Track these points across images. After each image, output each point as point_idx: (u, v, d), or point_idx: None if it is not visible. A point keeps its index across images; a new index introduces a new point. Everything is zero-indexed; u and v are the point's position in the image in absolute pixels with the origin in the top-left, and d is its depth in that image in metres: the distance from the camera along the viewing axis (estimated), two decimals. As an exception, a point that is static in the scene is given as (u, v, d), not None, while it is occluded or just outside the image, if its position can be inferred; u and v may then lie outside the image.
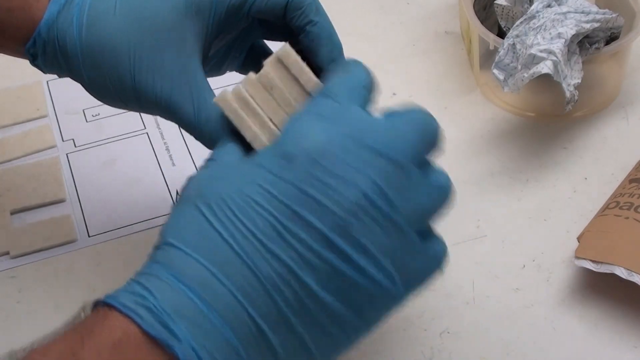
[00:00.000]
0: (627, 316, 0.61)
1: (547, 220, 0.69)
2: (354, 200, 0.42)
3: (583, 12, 0.71)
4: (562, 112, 0.73)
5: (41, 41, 0.56)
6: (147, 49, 0.55)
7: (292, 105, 0.50)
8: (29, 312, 0.65)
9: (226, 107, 0.50)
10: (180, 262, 0.43)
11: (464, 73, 0.83)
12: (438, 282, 0.64)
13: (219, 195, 0.44)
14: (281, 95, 0.51)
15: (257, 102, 0.50)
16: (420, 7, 0.91)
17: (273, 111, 0.50)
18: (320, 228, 0.42)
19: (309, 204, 0.42)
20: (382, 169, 0.43)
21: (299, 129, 0.44)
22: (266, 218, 0.42)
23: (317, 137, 0.43)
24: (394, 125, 0.46)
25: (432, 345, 0.60)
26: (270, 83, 0.50)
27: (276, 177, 0.43)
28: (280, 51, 0.51)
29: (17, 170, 0.76)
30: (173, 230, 0.45)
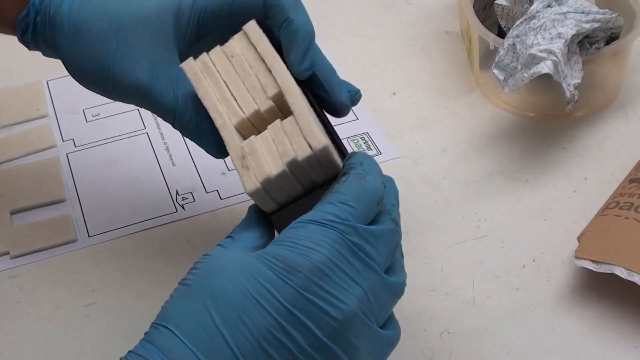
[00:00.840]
0: (627, 316, 0.61)
1: (547, 220, 0.69)
2: (353, 308, 0.46)
3: (583, 12, 0.71)
4: (562, 112, 0.73)
5: (34, 11, 0.59)
6: (130, 34, 0.57)
7: (245, 69, 0.54)
8: (29, 312, 0.65)
9: (189, 70, 0.55)
10: (178, 353, 0.45)
11: (464, 73, 0.83)
12: (438, 282, 0.65)
13: (226, 290, 0.46)
14: (239, 61, 0.55)
15: (217, 67, 0.55)
16: (420, 7, 0.92)
17: (229, 75, 0.55)
18: (317, 334, 0.45)
19: (309, 310, 0.45)
20: (371, 279, 0.47)
21: (305, 242, 0.46)
22: (266, 319, 0.45)
23: (323, 252, 0.46)
24: (377, 239, 0.49)
25: (432, 345, 0.60)
26: (232, 52, 0.55)
27: (280, 279, 0.45)
28: (246, 25, 0.55)
29: (17, 170, 0.76)
30: (175, 317, 0.47)
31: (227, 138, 0.53)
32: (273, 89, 0.53)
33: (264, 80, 0.53)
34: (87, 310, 0.65)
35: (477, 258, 0.66)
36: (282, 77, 0.53)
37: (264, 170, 0.50)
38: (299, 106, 0.51)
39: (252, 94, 0.54)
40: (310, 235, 0.46)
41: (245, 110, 0.53)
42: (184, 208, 0.72)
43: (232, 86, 0.54)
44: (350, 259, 0.47)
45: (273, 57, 0.53)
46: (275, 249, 0.47)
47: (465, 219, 0.69)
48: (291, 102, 0.51)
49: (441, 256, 0.66)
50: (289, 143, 0.51)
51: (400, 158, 0.75)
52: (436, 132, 0.77)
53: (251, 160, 0.51)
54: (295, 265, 0.45)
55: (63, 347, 0.63)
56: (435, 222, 0.69)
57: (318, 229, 0.47)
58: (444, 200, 0.71)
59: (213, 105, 0.54)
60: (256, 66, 0.54)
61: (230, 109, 0.54)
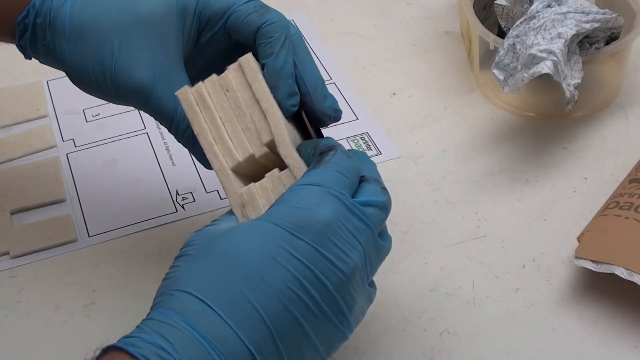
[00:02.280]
0: (627, 316, 0.61)
1: (547, 220, 0.69)
2: (356, 262, 0.49)
3: (583, 12, 0.71)
4: (562, 112, 0.73)
5: (34, 12, 0.58)
6: (133, 36, 0.57)
7: (241, 108, 0.55)
8: (29, 312, 0.65)
9: (184, 100, 0.55)
10: (202, 315, 0.46)
11: (464, 73, 0.83)
12: (438, 282, 0.65)
13: (241, 252, 0.47)
14: (234, 97, 0.55)
15: (212, 100, 0.55)
16: (420, 7, 0.92)
17: (224, 111, 0.55)
18: (329, 286, 0.47)
19: (322, 264, 0.47)
20: (367, 238, 0.50)
21: (311, 201, 0.49)
22: (285, 276, 0.47)
23: (329, 209, 0.48)
24: (370, 205, 0.51)
25: (432, 345, 0.60)
26: (227, 85, 0.55)
27: (294, 236, 0.47)
28: (242, 58, 0.55)
29: (17, 170, 0.76)
30: (190, 281, 0.47)
31: (225, 183, 0.54)
32: (267, 135, 0.54)
33: (259, 123, 0.54)
34: (87, 310, 0.65)
35: (477, 258, 0.66)
36: (276, 125, 0.53)
37: None
38: (292, 158, 0.53)
39: (247, 136, 0.54)
40: (313, 195, 0.49)
41: (240, 153, 0.54)
42: (184, 208, 0.72)
43: (228, 124, 0.55)
44: (350, 218, 0.49)
45: (267, 100, 0.54)
46: (282, 209, 0.48)
47: (465, 219, 0.69)
48: (284, 154, 0.53)
49: (441, 256, 0.66)
50: None
51: (400, 158, 0.75)
52: (436, 132, 0.77)
53: (250, 210, 0.53)
54: (307, 221, 0.47)
55: (63, 347, 0.63)
56: (435, 222, 0.69)
57: (318, 189, 0.49)
58: (444, 200, 0.71)
59: (209, 145, 0.54)
60: (251, 106, 0.54)
61: (226, 151, 0.54)
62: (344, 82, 0.83)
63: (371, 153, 0.76)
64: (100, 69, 0.58)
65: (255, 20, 0.57)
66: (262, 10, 0.57)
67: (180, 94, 0.55)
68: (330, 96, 0.59)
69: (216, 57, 0.61)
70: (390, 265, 0.66)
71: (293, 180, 0.53)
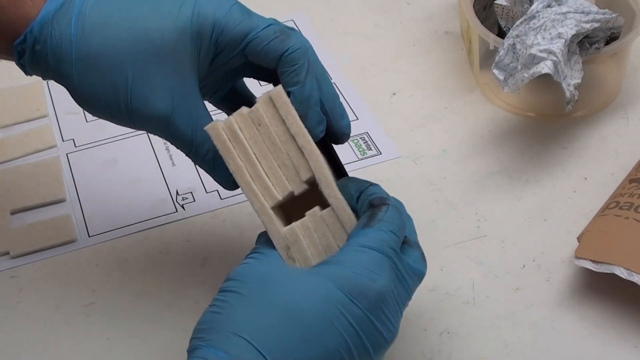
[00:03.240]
0: (627, 316, 0.61)
1: (547, 220, 0.69)
2: (397, 329, 0.51)
3: (583, 12, 0.71)
4: (562, 112, 0.73)
5: (32, 39, 0.56)
6: (148, 64, 0.55)
7: (276, 144, 0.54)
8: (29, 312, 0.65)
9: (216, 137, 0.54)
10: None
11: (464, 73, 0.83)
12: (438, 282, 0.65)
13: (302, 310, 0.48)
14: (267, 132, 0.54)
15: (245, 135, 0.54)
16: (420, 7, 0.92)
17: (258, 147, 0.54)
18: (371, 354, 0.49)
19: (371, 333, 0.49)
20: (406, 304, 0.52)
21: (370, 268, 0.50)
22: (338, 340, 0.48)
23: (385, 280, 0.50)
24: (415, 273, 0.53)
25: (432, 345, 0.60)
26: (259, 120, 0.54)
27: (352, 302, 0.49)
28: (273, 91, 0.54)
29: (17, 170, 0.76)
30: (251, 328, 0.48)
31: (267, 224, 0.53)
32: (306, 172, 0.53)
33: (296, 159, 0.53)
34: (87, 310, 0.65)
35: (477, 258, 0.66)
36: (315, 162, 0.53)
37: (310, 262, 0.53)
38: (335, 198, 0.53)
39: (285, 173, 0.54)
40: (373, 261, 0.50)
41: (279, 191, 0.54)
42: (184, 208, 0.72)
43: (263, 161, 0.54)
44: (398, 288, 0.51)
45: (304, 136, 0.53)
46: (343, 272, 0.49)
47: (465, 219, 0.69)
48: (327, 193, 0.53)
49: (441, 256, 0.66)
50: (332, 237, 0.53)
51: (400, 158, 0.75)
52: (436, 132, 0.77)
53: (295, 251, 0.53)
54: (365, 290, 0.49)
55: (63, 347, 0.63)
56: (435, 222, 0.69)
57: (378, 256, 0.50)
58: (444, 200, 0.71)
59: (247, 184, 0.54)
60: (286, 142, 0.53)
61: (265, 189, 0.54)
62: (344, 82, 0.83)
63: (371, 153, 0.76)
64: (114, 97, 0.56)
65: (277, 47, 0.55)
66: (282, 36, 0.56)
67: (210, 130, 0.54)
68: (346, 114, 0.59)
69: (229, 75, 0.61)
70: (390, 265, 0.66)
71: (336, 219, 0.53)
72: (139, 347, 0.62)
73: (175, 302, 0.65)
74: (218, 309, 0.49)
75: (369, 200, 0.53)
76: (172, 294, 0.65)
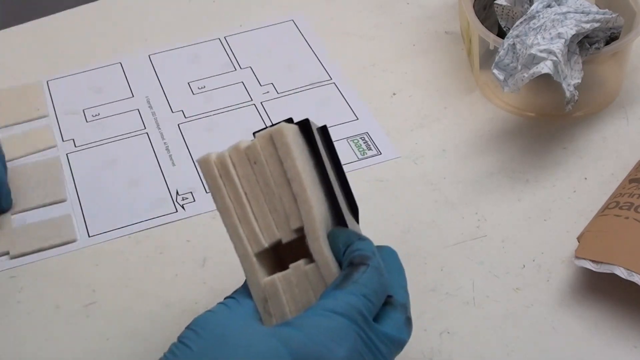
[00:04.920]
0: (627, 316, 0.61)
1: (547, 220, 0.69)
2: None
3: (583, 12, 0.71)
4: (562, 112, 0.73)
5: None
6: None
7: (269, 186, 0.50)
8: (29, 312, 0.65)
9: (206, 172, 0.51)
10: None
11: (464, 73, 0.83)
12: (438, 282, 0.64)
13: None
14: (262, 172, 0.50)
15: (237, 173, 0.51)
16: (420, 7, 0.92)
17: (250, 186, 0.51)
18: None
19: None
20: None
21: (330, 336, 0.46)
22: None
23: (345, 352, 0.46)
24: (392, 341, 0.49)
25: (432, 345, 0.60)
26: (255, 158, 0.50)
27: None
28: (275, 129, 0.50)
29: (17, 170, 0.76)
30: None
31: (247, 272, 0.50)
32: (296, 221, 0.50)
33: (288, 206, 0.50)
34: (87, 310, 0.65)
35: (477, 258, 0.66)
36: (307, 213, 0.49)
37: (286, 318, 0.50)
38: (320, 254, 0.49)
39: (275, 219, 0.50)
40: (335, 328, 0.46)
41: (266, 237, 0.50)
42: (184, 208, 0.72)
43: (254, 202, 0.50)
44: (366, 357, 0.47)
45: (300, 184, 0.49)
46: (299, 335, 0.46)
47: (465, 219, 0.69)
48: (312, 248, 0.49)
49: (441, 256, 0.66)
50: (312, 295, 0.50)
51: (400, 158, 0.75)
52: (436, 132, 0.77)
53: (273, 305, 0.50)
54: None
55: (63, 347, 0.63)
56: (435, 222, 0.69)
57: (342, 322, 0.47)
58: (444, 200, 0.71)
59: (233, 227, 0.50)
60: (281, 185, 0.50)
61: (251, 234, 0.50)
62: (344, 82, 0.83)
63: (371, 153, 0.76)
64: None
65: None
66: None
67: (202, 163, 0.51)
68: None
69: None
70: (390, 265, 0.66)
71: (319, 277, 0.49)
72: (139, 347, 0.62)
73: (175, 302, 0.65)
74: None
75: (350, 258, 0.49)
76: (172, 294, 0.65)
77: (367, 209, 0.70)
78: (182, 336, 0.48)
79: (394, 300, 0.50)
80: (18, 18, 0.96)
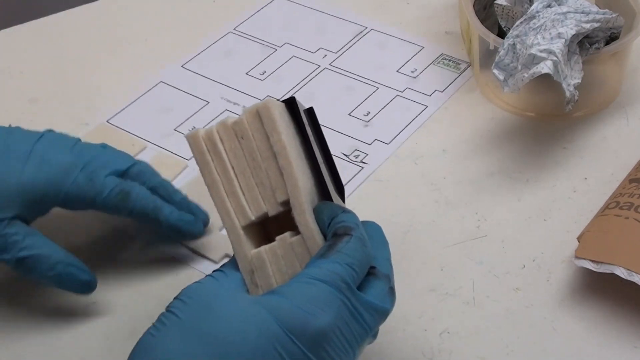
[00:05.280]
0: (627, 316, 0.61)
1: (547, 220, 0.69)
2: None
3: (583, 12, 0.71)
4: (562, 112, 0.73)
5: None
6: None
7: (256, 160, 0.51)
8: (30, 312, 0.65)
9: (195, 147, 0.52)
10: None
11: (464, 73, 0.83)
12: (438, 282, 0.64)
13: (233, 341, 0.46)
14: (249, 147, 0.51)
15: (225, 147, 0.52)
16: (420, 7, 0.91)
17: (237, 161, 0.52)
18: None
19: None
20: (362, 340, 0.49)
21: (314, 302, 0.47)
22: None
23: (330, 317, 0.47)
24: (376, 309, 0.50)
25: (432, 345, 0.60)
26: (242, 132, 0.52)
27: (289, 338, 0.46)
28: (261, 104, 0.51)
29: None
30: (178, 356, 0.46)
31: (235, 244, 0.51)
32: (282, 194, 0.51)
33: (274, 180, 0.51)
34: (87, 310, 0.65)
35: (477, 258, 0.66)
36: (293, 187, 0.50)
37: (273, 289, 0.50)
38: (306, 226, 0.50)
39: (261, 192, 0.51)
40: (319, 295, 0.47)
41: (253, 210, 0.51)
42: (184, 208, 0.72)
43: (241, 176, 0.52)
44: (350, 324, 0.48)
45: (285, 157, 0.50)
46: (285, 303, 0.47)
47: (465, 219, 0.69)
48: (298, 220, 0.50)
49: (441, 256, 0.66)
50: (299, 266, 0.51)
51: (400, 158, 0.75)
52: (436, 132, 0.77)
53: (260, 277, 0.51)
54: (304, 326, 0.46)
55: (63, 347, 0.62)
56: (435, 222, 0.69)
57: (326, 289, 0.47)
58: (444, 200, 0.71)
59: (221, 201, 0.51)
60: (267, 159, 0.51)
61: (238, 207, 0.51)
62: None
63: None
64: None
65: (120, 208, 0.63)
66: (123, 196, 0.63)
67: (190, 139, 0.52)
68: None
69: None
70: (390, 265, 0.66)
71: (305, 249, 0.51)
72: (139, 347, 0.62)
73: (175, 302, 0.65)
74: (155, 331, 0.47)
75: (334, 229, 0.50)
76: (172, 294, 0.65)
77: (367, 209, 0.70)
78: (171, 306, 0.49)
79: (377, 271, 0.51)
80: (18, 18, 0.96)
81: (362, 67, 0.84)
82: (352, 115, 0.79)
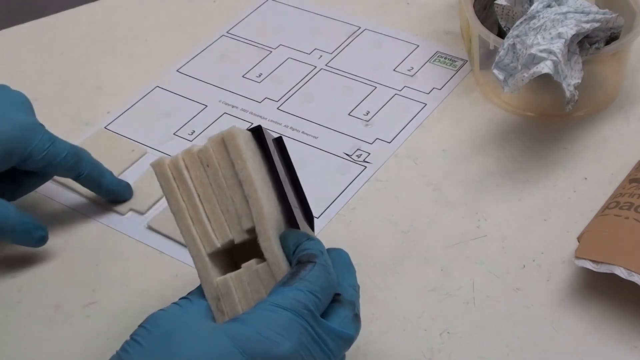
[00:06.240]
0: (627, 316, 0.61)
1: (547, 220, 0.69)
2: None
3: (583, 12, 0.71)
4: (562, 112, 0.73)
5: None
6: None
7: (222, 187, 0.51)
8: (29, 312, 0.65)
9: (160, 174, 0.52)
10: None
11: (464, 73, 0.83)
12: (438, 282, 0.64)
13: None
14: (214, 175, 0.52)
15: (190, 175, 0.52)
16: (420, 7, 0.92)
17: (203, 188, 0.52)
18: None
19: None
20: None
21: (276, 329, 0.47)
22: None
23: (292, 344, 0.47)
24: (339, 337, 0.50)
25: (432, 345, 0.60)
26: (208, 160, 0.52)
27: None
28: (226, 132, 0.52)
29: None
30: None
31: (200, 271, 0.52)
32: (248, 222, 0.51)
33: (240, 207, 0.51)
34: (87, 310, 0.65)
35: (477, 258, 0.66)
36: (258, 214, 0.51)
37: None
38: (271, 253, 0.51)
39: (227, 219, 0.52)
40: (281, 322, 0.47)
41: (219, 238, 0.52)
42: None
43: (207, 204, 0.52)
44: (313, 351, 0.48)
45: (250, 184, 0.51)
46: (247, 330, 0.47)
47: (465, 219, 0.69)
48: (264, 247, 0.51)
49: (441, 256, 0.66)
50: (264, 293, 0.51)
51: (400, 158, 0.75)
52: (436, 132, 0.77)
53: (226, 303, 0.51)
54: (266, 353, 0.46)
55: (63, 347, 0.63)
56: (435, 222, 0.69)
57: (289, 316, 0.48)
58: (444, 200, 0.71)
59: (186, 228, 0.52)
60: (232, 187, 0.51)
61: (204, 235, 0.52)
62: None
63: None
64: None
65: (73, 170, 0.69)
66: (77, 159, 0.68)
67: (156, 166, 0.52)
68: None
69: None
70: (390, 265, 0.66)
71: (271, 276, 0.51)
72: (139, 347, 0.62)
73: (175, 302, 0.65)
74: (119, 359, 0.48)
75: (298, 257, 0.51)
76: (173, 294, 0.65)
77: (367, 209, 0.70)
78: (134, 333, 0.49)
79: (342, 298, 0.51)
80: (18, 18, 0.96)
81: (358, 67, 0.84)
82: (352, 115, 0.79)
